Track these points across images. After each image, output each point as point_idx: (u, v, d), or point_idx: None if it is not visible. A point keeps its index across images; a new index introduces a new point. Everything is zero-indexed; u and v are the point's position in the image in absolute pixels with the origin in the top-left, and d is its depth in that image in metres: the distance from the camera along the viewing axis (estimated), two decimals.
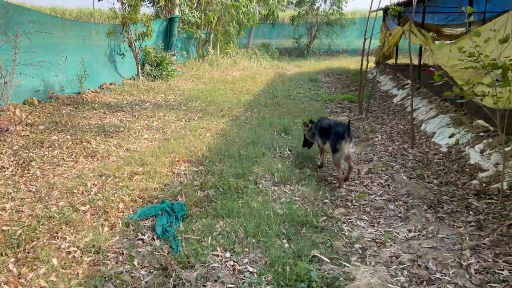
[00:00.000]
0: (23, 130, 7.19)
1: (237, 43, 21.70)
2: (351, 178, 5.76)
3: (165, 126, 8.29)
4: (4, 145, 6.42)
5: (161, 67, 14.14)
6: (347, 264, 3.54)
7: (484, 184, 5.13)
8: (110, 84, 12.25)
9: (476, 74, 6.96)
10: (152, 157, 6.18)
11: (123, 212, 4.49)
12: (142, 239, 3.95)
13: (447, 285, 3.20)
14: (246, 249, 3.76)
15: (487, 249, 3.70)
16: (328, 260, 3.59)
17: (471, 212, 4.51)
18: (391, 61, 18.82)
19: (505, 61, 4.14)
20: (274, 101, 11.13)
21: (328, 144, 5.58)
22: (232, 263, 3.57)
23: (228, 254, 3.69)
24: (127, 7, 12.71)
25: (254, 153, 6.37)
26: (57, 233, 3.97)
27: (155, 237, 3.99)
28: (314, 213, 4.54)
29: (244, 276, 3.39)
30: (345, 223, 4.43)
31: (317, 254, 3.65)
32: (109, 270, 3.41)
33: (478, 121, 7.07)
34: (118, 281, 3.26)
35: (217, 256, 3.66)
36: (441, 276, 3.34)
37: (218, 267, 3.49)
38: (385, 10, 16.24)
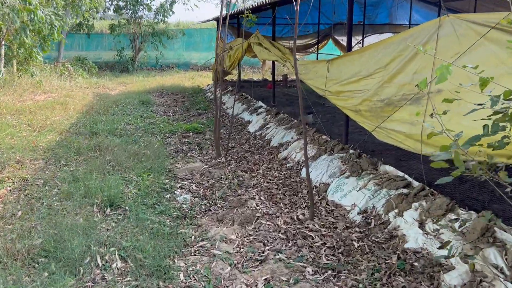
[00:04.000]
0: None
1: (42, 58, 17.02)
2: None
3: None
4: None
5: None
6: None
7: None
8: None
9: (384, 106, 5.10)
10: None
11: None
12: None
13: None
14: None
15: None
16: None
17: None
18: (229, 77, 17.01)
19: None
20: (93, 142, 7.75)
21: None
22: None
23: None
24: None
25: None
26: None
27: None
28: None
29: None
30: None
31: None
32: None
33: (386, 167, 5.20)
34: None
35: None
36: None
37: None
38: (223, 19, 14.17)
